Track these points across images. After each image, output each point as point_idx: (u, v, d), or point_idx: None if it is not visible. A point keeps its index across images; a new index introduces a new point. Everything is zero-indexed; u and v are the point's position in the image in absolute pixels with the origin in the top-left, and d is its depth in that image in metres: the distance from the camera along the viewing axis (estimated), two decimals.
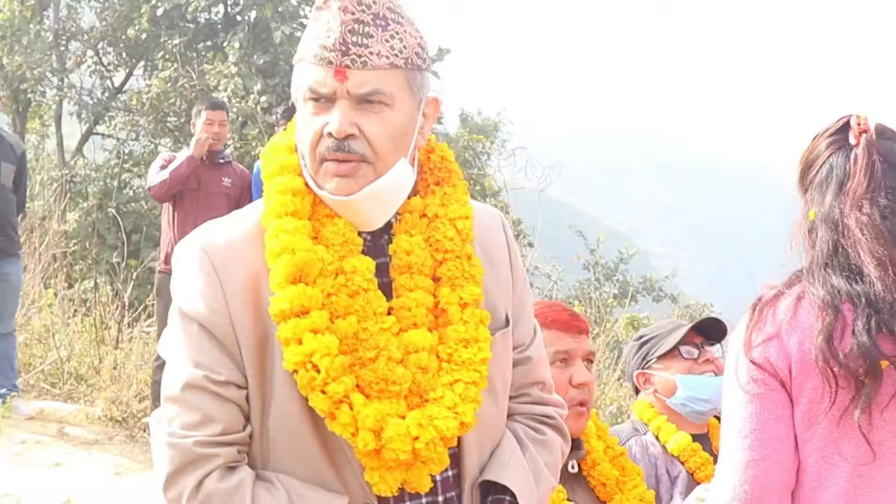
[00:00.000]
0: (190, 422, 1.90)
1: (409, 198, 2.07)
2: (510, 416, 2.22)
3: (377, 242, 2.05)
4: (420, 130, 2.04)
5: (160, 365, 7.70)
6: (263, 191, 2.03)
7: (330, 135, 1.93)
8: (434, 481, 2.02)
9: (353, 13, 1.92)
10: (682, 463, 3.44)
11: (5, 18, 17.14)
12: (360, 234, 2.02)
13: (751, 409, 2.28)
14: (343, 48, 1.91)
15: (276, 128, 8.24)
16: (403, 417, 1.94)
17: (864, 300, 2.20)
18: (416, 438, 1.93)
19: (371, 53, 1.92)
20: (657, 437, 3.51)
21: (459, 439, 2.04)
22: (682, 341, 3.52)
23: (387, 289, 2.02)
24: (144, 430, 7.99)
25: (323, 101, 1.94)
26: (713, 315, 3.77)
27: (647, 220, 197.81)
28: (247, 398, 1.95)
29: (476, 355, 2.03)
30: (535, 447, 2.20)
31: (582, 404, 2.92)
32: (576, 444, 2.93)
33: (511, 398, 2.22)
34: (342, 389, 1.89)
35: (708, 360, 3.53)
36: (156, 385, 7.76)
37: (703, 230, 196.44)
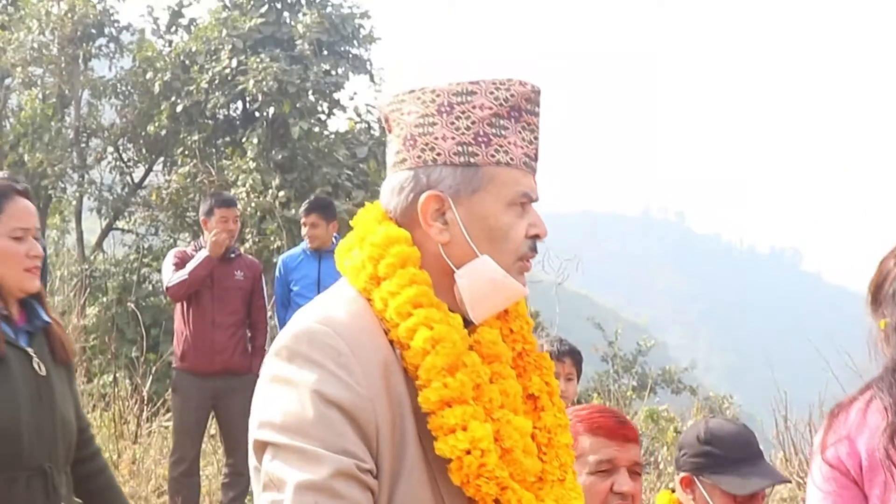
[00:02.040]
0: None
1: None
2: None
3: None
4: None
5: (176, 461, 7.72)
6: (367, 276, 2.02)
7: (536, 236, 2.05)
8: None
9: (538, 128, 2.09)
10: None
11: (27, 116, 17.40)
12: None
13: None
14: (537, 158, 2.08)
15: (302, 221, 8.35)
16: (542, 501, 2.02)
17: None
18: None
19: None
20: None
21: None
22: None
23: None
24: None
25: (523, 205, 2.05)
26: (754, 443, 3.58)
27: (664, 309, 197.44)
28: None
29: (569, 440, 2.15)
30: None
31: None
32: None
33: None
34: (507, 475, 1.94)
35: None
36: (174, 482, 7.73)
37: (719, 318, 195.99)
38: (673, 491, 3.57)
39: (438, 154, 2.01)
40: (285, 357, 1.93)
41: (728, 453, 3.39)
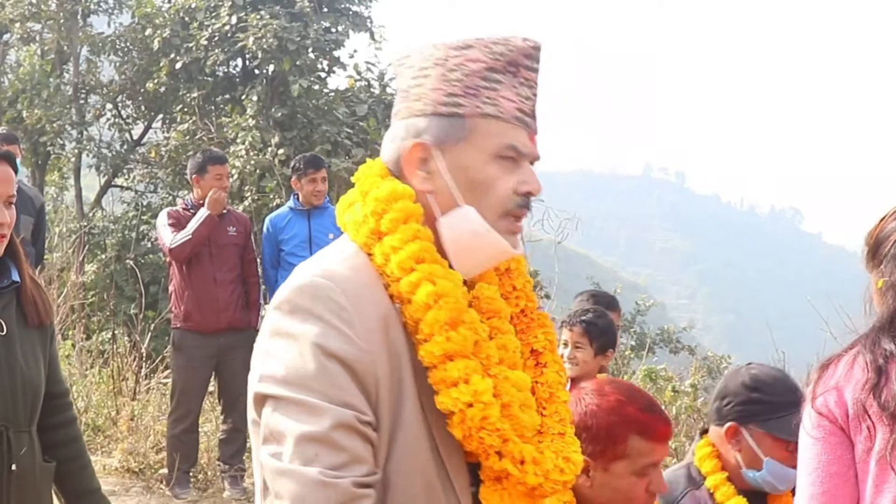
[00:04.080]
0: (337, 462, 1.82)
1: None
2: None
3: None
4: None
5: (178, 419, 7.73)
6: (368, 230, 2.02)
7: (527, 193, 2.05)
8: None
9: (537, 84, 2.09)
10: None
11: (25, 72, 17.33)
12: None
13: (815, 450, 2.59)
14: (534, 115, 2.07)
15: (298, 179, 8.21)
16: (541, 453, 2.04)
17: None
18: (562, 471, 2.03)
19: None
20: (712, 495, 3.31)
21: None
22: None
23: None
24: (161, 482, 7.98)
25: (514, 160, 2.04)
26: (798, 388, 3.44)
27: (663, 269, 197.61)
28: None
29: (567, 397, 2.19)
30: None
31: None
32: None
33: None
34: (509, 426, 1.96)
35: None
36: (174, 439, 7.75)
37: (718, 278, 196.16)
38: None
39: (426, 104, 2.04)
40: (286, 311, 1.94)
41: (777, 399, 3.29)
